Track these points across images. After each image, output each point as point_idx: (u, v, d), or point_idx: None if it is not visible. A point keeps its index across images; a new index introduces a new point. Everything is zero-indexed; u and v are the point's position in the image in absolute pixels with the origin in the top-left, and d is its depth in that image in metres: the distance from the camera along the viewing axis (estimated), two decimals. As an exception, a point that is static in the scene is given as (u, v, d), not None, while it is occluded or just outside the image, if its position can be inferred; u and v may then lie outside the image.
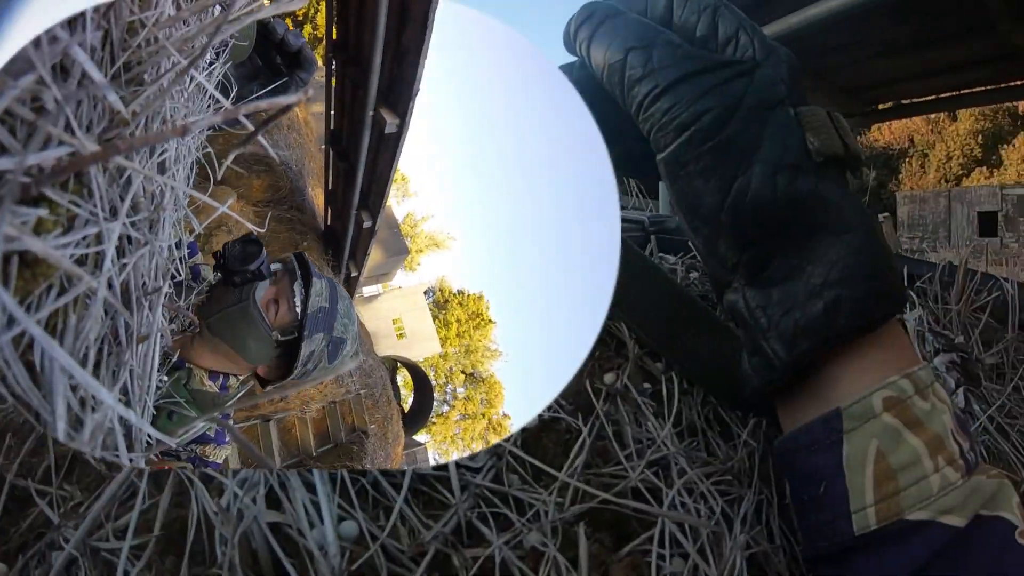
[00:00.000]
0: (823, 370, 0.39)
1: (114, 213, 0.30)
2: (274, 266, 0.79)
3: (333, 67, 2.90)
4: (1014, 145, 14.10)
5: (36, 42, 0.23)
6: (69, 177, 0.26)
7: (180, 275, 0.56)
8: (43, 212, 0.24)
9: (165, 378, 0.70)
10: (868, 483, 0.36)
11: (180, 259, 0.54)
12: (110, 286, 0.32)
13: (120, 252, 0.33)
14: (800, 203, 0.36)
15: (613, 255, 0.34)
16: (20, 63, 0.22)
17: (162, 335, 0.49)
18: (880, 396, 0.37)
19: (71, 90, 0.25)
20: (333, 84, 3.00)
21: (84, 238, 0.27)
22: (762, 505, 0.43)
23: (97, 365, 0.30)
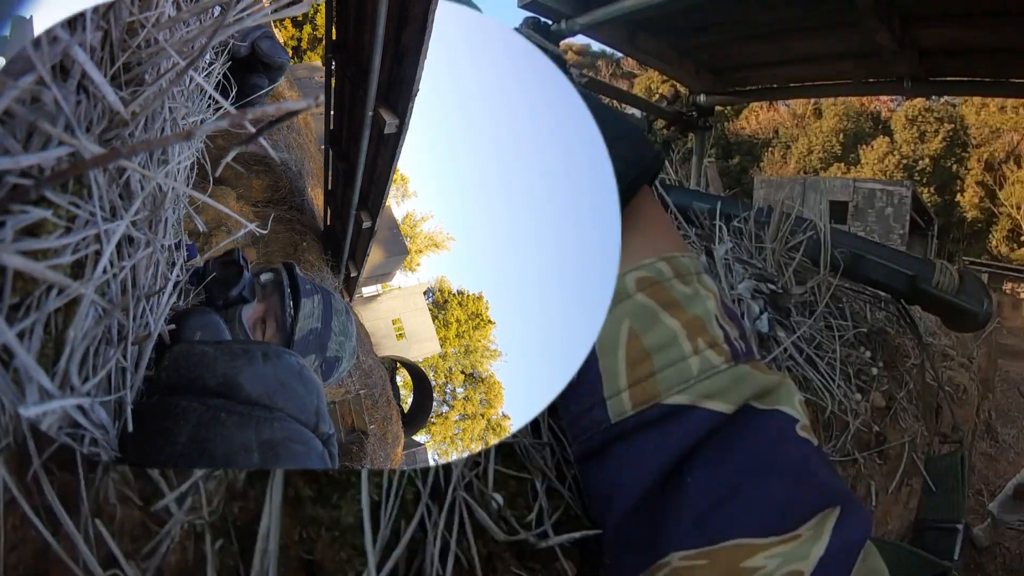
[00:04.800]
0: None
1: (114, 213, 0.30)
2: (264, 276, 0.73)
3: (332, 67, 2.89)
4: (872, 146, 14.79)
5: (36, 42, 0.23)
6: (69, 178, 0.26)
7: (179, 276, 0.56)
8: (46, 213, 0.24)
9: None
10: (621, 365, 0.33)
11: (176, 260, 0.54)
12: (109, 287, 0.32)
13: (120, 253, 0.33)
14: None
15: (612, 254, 0.34)
16: (20, 63, 0.22)
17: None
18: (634, 276, 0.34)
19: (71, 90, 0.25)
20: (332, 84, 2.99)
21: (84, 239, 0.27)
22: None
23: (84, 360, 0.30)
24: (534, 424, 0.41)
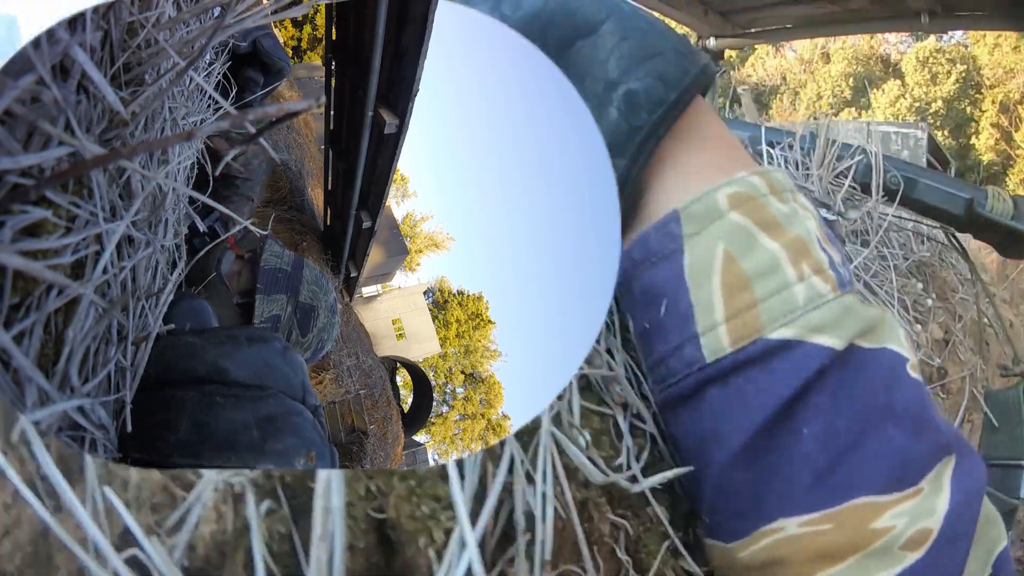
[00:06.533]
0: (648, 192, 0.32)
1: (114, 213, 0.30)
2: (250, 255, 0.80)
3: (332, 67, 2.90)
4: (883, 90, 14.04)
5: (36, 42, 0.23)
6: (69, 178, 0.26)
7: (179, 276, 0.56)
8: (46, 213, 0.24)
9: None
10: (716, 296, 0.29)
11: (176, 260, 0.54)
12: (109, 287, 0.32)
13: (120, 253, 0.33)
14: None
15: (612, 253, 0.34)
16: (20, 63, 0.22)
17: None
18: (725, 192, 0.30)
19: (71, 90, 0.25)
20: (332, 84, 2.99)
21: (84, 239, 0.27)
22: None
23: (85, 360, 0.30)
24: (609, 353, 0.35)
